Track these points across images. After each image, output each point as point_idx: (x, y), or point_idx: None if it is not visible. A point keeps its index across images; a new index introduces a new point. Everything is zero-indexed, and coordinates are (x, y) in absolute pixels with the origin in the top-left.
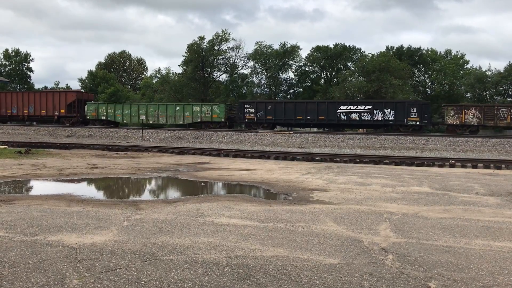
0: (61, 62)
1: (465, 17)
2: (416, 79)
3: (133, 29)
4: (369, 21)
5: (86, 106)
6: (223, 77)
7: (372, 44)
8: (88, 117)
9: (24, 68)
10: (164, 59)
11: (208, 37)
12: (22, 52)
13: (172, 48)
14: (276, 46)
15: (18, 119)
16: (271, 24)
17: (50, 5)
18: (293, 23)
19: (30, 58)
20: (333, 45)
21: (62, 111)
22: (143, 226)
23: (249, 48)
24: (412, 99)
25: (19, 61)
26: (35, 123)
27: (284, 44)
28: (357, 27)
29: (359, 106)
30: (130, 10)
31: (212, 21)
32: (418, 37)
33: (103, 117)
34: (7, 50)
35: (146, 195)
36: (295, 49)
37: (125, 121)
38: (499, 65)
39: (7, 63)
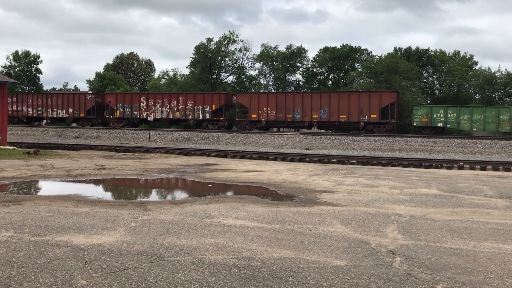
0: (68, 64)
1: (468, 18)
2: (424, 80)
3: (138, 31)
4: (372, 22)
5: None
6: (230, 78)
7: (376, 46)
8: (414, 124)
9: (33, 70)
10: (168, 60)
11: (215, 38)
12: (31, 54)
13: (176, 49)
14: (281, 48)
15: (303, 126)
16: (274, 25)
17: (54, 7)
18: (296, 24)
19: (39, 60)
20: (340, 46)
21: (373, 116)
22: (151, 227)
23: (254, 49)
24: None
25: (28, 63)
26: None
27: (291, 46)
28: (360, 29)
29: None
30: (134, 12)
31: (214, 23)
32: (422, 38)
33: (440, 124)
34: (17, 51)
35: (153, 196)
36: (301, 51)
37: (474, 129)
38: (505, 66)
39: (16, 64)
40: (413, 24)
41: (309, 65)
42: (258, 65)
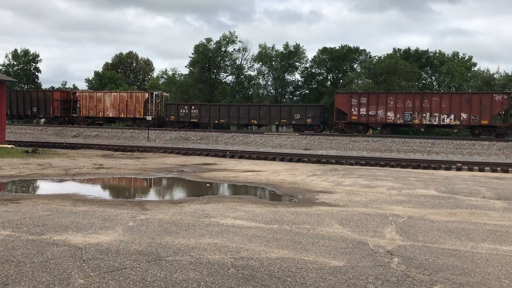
0: (64, 63)
1: (461, 20)
2: (423, 81)
3: (132, 30)
4: (366, 23)
5: None
6: (229, 78)
7: (370, 47)
8: None
9: (32, 68)
10: (164, 60)
11: (212, 38)
12: (31, 53)
13: (171, 49)
14: (278, 47)
15: None
16: (268, 26)
17: (49, 5)
18: (289, 25)
19: (38, 58)
20: (339, 46)
21: None
22: (149, 226)
23: (252, 50)
24: None
25: (26, 61)
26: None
27: (287, 45)
28: (354, 29)
29: None
30: (129, 11)
31: (208, 23)
32: (416, 39)
33: None
34: (16, 50)
35: (152, 196)
36: (298, 49)
37: None
38: (500, 68)
39: (15, 63)
40: (406, 25)
41: (308, 65)
42: (257, 65)
